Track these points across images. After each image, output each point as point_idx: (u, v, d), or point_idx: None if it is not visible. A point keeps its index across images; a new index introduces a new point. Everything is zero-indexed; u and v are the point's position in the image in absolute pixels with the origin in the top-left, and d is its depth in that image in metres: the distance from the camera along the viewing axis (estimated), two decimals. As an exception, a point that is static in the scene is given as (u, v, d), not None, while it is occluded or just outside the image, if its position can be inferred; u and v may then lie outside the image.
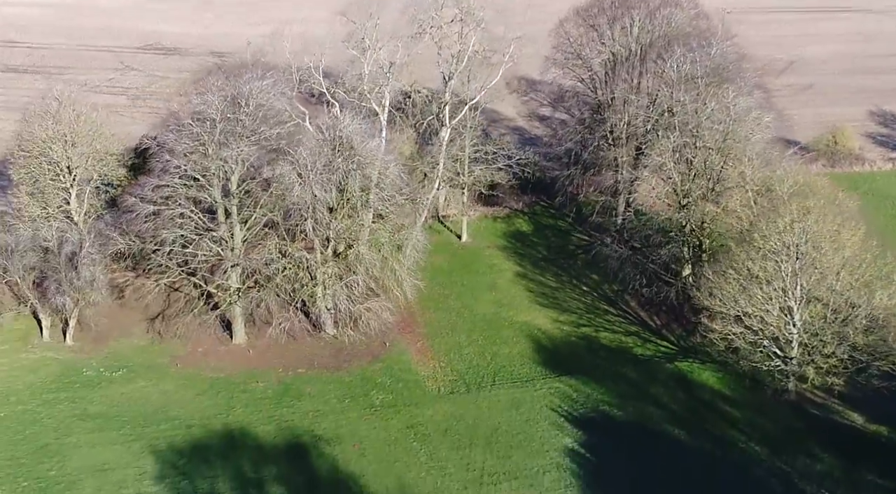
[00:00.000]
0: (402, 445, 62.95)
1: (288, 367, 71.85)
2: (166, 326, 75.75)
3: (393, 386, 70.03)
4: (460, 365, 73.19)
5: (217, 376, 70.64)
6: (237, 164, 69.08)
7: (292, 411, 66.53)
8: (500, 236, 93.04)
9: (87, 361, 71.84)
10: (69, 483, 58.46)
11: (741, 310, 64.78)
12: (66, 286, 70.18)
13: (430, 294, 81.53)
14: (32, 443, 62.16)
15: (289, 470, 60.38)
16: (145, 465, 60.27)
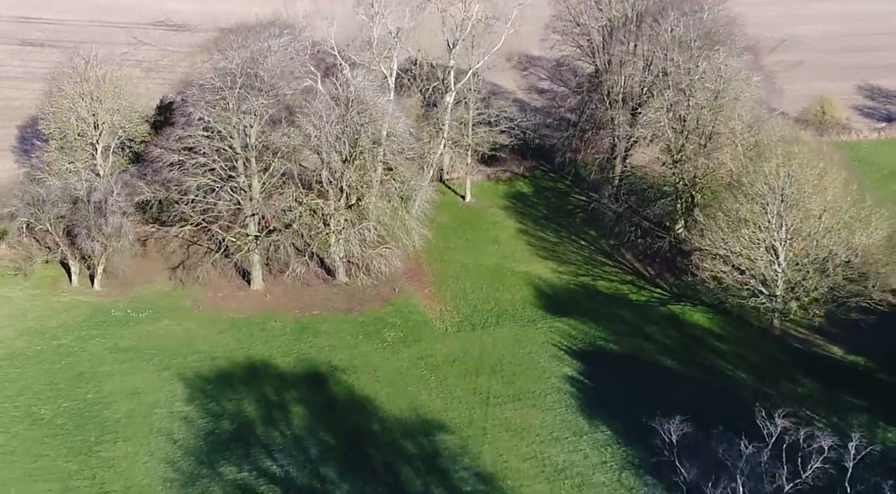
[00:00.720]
0: (413, 373, 68.38)
1: (304, 310, 77.17)
2: (187, 274, 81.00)
3: (403, 325, 75.41)
4: (466, 308, 78.53)
5: (237, 317, 75.95)
6: (256, 117, 74.34)
7: (309, 346, 71.88)
8: (502, 197, 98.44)
9: (115, 304, 77.08)
10: (105, 405, 63.73)
11: (730, 250, 70.27)
12: (94, 232, 75.42)
13: (436, 247, 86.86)
14: (69, 372, 67.45)
15: (308, 394, 65.78)
16: (175, 390, 65.56)
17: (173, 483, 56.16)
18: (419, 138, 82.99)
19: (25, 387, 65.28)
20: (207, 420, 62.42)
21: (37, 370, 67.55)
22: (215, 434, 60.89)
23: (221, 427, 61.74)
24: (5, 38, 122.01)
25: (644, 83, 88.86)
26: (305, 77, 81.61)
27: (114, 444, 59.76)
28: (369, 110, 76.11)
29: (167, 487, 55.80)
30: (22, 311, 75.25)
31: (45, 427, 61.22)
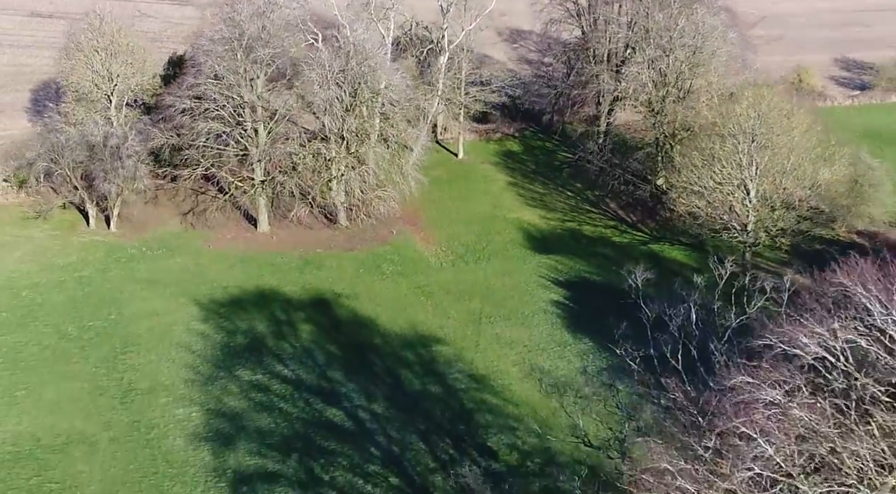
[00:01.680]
0: (411, 299, 74.78)
1: (307, 249, 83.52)
2: (197, 219, 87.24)
3: (400, 261, 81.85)
4: (459, 248, 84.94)
5: (246, 254, 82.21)
6: (262, 67, 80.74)
7: (314, 277, 78.22)
8: (493, 154, 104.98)
9: (130, 243, 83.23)
10: (127, 323, 69.92)
11: (704, 186, 76.88)
12: (111, 175, 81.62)
13: (431, 198, 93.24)
14: (91, 298, 73.58)
15: (314, 315, 72.12)
16: (191, 312, 71.77)
17: (194, 382, 62.33)
18: (414, 94, 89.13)
19: (52, 310, 71.31)
20: (222, 335, 68.58)
21: (61, 296, 73.60)
22: (230, 346, 67.10)
23: (235, 340, 67.95)
24: (17, 9, 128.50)
25: (628, 42, 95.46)
26: (307, 35, 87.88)
27: (137, 353, 65.90)
28: (368, 61, 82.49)
29: (189, 385, 61.99)
30: (43, 249, 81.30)
31: (73, 342, 67.28)
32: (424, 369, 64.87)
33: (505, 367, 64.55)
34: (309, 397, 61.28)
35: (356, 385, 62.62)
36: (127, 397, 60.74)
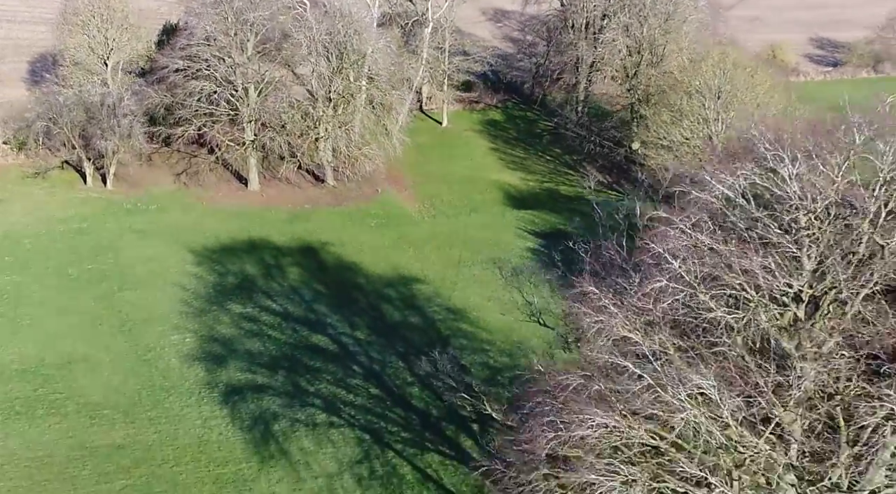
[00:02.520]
0: (394, 247, 79.61)
1: (296, 204, 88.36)
2: (190, 179, 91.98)
3: (385, 215, 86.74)
4: (441, 205, 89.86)
5: (237, 209, 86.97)
6: (252, 28, 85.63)
7: (302, 229, 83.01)
8: (476, 123, 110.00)
9: (126, 199, 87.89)
10: (124, 267, 74.57)
11: (672, 141, 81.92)
12: (107, 133, 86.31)
13: (415, 161, 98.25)
14: (90, 245, 78.21)
15: (302, 260, 76.95)
16: (185, 257, 76.46)
17: (188, 314, 67.05)
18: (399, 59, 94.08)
19: (52, 256, 75.90)
20: (214, 276, 73.30)
21: (61, 244, 78.23)
22: (222, 285, 71.84)
23: (227, 280, 72.70)
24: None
25: (605, 11, 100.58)
26: (296, 4, 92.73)
27: (134, 291, 70.59)
28: (354, 25, 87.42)
29: (183, 316, 66.71)
30: (43, 204, 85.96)
31: (74, 282, 71.92)
32: (405, 303, 69.66)
33: (480, 302, 69.26)
34: (296, 326, 66.03)
35: (340, 316, 67.39)
36: (125, 326, 65.39)
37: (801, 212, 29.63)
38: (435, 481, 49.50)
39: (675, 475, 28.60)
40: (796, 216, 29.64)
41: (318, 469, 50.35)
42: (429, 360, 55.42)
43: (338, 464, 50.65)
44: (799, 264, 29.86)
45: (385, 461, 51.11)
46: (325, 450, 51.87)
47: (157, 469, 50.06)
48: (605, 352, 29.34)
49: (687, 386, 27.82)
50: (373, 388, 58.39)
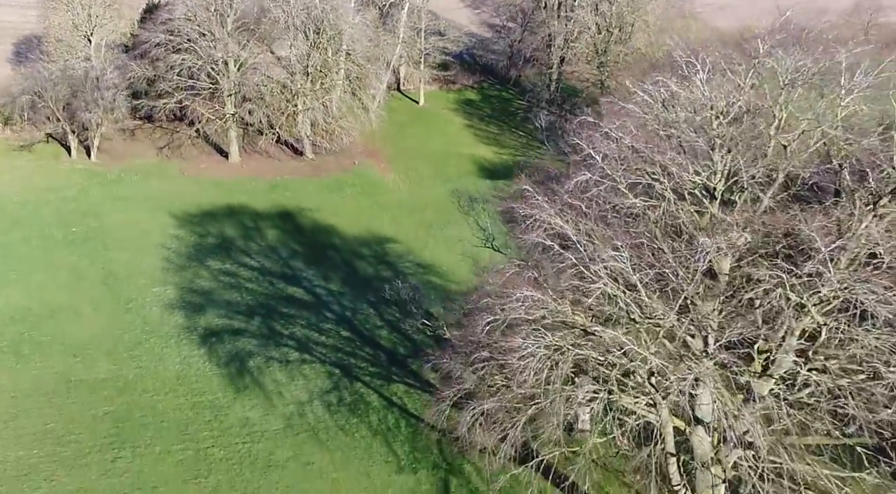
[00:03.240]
0: (369, 212, 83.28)
1: (275, 175, 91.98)
2: (172, 152, 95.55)
3: (361, 184, 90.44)
4: (416, 177, 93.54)
5: (218, 179, 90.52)
6: (232, 4, 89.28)
7: (281, 196, 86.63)
8: (452, 102, 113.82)
9: (110, 170, 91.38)
10: (108, 230, 77.96)
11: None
12: (91, 106, 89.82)
13: (392, 136, 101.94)
14: (75, 211, 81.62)
15: (280, 223, 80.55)
16: (167, 221, 79.93)
17: (169, 269, 70.55)
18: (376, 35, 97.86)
19: (38, 219, 79.27)
20: (195, 237, 76.83)
21: (46, 210, 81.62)
22: (202, 245, 75.39)
23: (207, 241, 76.24)
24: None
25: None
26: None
27: (117, 251, 74.02)
28: (331, 1, 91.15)
29: (164, 272, 70.20)
30: (28, 174, 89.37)
31: (59, 242, 75.34)
32: (377, 260, 73.32)
33: (450, 258, 72.81)
34: (272, 279, 69.61)
35: (315, 271, 71.03)
36: (108, 280, 68.85)
37: (713, 115, 33.41)
38: (399, 407, 53.07)
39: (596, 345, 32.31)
40: (709, 119, 33.41)
41: (290, 397, 53.86)
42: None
43: (308, 394, 54.17)
44: (711, 162, 33.64)
45: (353, 391, 54.65)
46: (297, 382, 55.39)
47: (138, 398, 53.49)
48: (536, 237, 33.01)
49: (602, 261, 31.53)
50: (344, 331, 61.98)
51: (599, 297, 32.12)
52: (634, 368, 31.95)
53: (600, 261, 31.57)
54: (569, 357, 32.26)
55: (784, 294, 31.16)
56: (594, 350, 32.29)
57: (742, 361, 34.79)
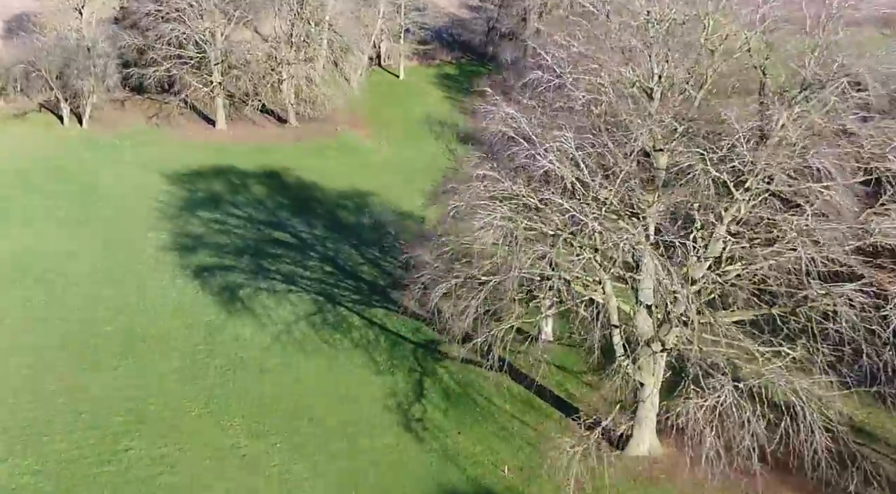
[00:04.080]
0: (350, 171, 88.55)
1: (261, 141, 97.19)
2: (161, 121, 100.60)
3: (343, 148, 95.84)
4: (396, 142, 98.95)
5: (206, 144, 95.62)
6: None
7: (266, 158, 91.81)
8: (432, 77, 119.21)
9: (102, 137, 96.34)
10: (101, 188, 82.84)
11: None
12: (83, 73, 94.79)
13: (373, 107, 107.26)
14: (69, 172, 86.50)
15: (265, 180, 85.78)
16: (158, 180, 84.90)
17: (162, 218, 75.64)
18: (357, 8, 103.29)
19: (34, 179, 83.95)
20: (185, 192, 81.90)
21: (42, 170, 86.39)
22: (192, 199, 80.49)
23: (197, 195, 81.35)
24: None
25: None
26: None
27: (111, 204, 79.02)
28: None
29: (157, 220, 75.28)
30: (22, 140, 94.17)
31: (55, 198, 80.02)
32: (358, 210, 78.63)
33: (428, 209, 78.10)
34: (259, 226, 74.84)
35: (300, 219, 76.33)
36: (106, 227, 73.83)
37: (649, 20, 38.93)
38: (379, 326, 58.31)
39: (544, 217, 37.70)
40: (645, 25, 38.87)
41: (278, 318, 59.04)
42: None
43: (295, 316, 59.34)
44: (647, 62, 39.11)
45: (336, 313, 59.88)
46: (284, 307, 60.57)
47: (137, 318, 58.55)
48: (495, 127, 38.39)
49: (548, 141, 36.96)
50: (327, 267, 67.24)
51: (547, 175, 37.54)
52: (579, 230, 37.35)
53: (547, 142, 36.91)
54: (520, 225, 37.58)
55: (704, 168, 36.54)
56: (543, 221, 37.67)
57: (679, 244, 40.09)
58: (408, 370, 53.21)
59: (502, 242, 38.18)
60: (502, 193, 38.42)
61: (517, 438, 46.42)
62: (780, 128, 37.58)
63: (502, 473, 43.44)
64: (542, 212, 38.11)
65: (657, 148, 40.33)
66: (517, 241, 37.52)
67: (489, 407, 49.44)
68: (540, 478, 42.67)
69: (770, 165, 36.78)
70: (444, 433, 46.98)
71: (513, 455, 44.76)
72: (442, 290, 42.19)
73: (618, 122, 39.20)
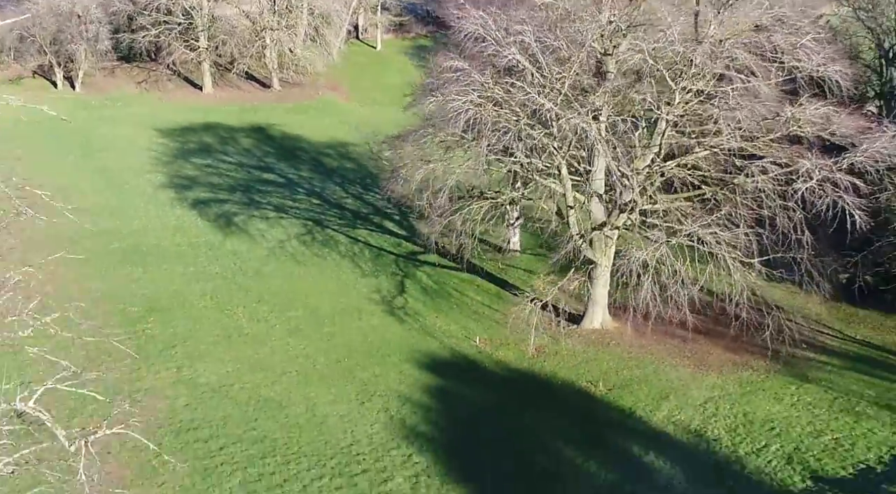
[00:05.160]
0: (332, 126, 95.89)
1: (246, 103, 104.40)
2: (150, 86, 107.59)
3: (324, 109, 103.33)
4: (375, 104, 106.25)
5: (194, 105, 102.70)
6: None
7: (252, 116, 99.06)
8: (408, 48, 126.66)
9: (94, 99, 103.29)
10: (98, 140, 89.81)
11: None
12: (76, 38, 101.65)
13: (352, 74, 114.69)
14: (65, 127, 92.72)
15: (252, 135, 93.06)
16: (151, 134, 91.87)
17: (157, 164, 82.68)
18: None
19: (32, 135, 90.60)
20: (177, 144, 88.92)
21: (38, 127, 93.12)
22: (184, 149, 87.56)
23: (188, 146, 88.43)
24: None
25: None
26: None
27: (108, 153, 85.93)
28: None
29: (152, 165, 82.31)
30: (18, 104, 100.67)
31: (53, 148, 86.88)
32: (340, 156, 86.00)
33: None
34: (249, 169, 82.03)
35: (286, 164, 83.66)
36: (104, 171, 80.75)
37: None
38: (363, 242, 65.65)
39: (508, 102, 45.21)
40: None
41: (271, 237, 66.25)
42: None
43: (287, 235, 66.58)
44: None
45: (324, 234, 67.17)
46: (276, 230, 67.79)
47: (143, 239, 65.53)
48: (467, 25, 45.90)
49: (511, 35, 44.53)
50: (314, 200, 74.56)
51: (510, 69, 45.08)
52: (537, 118, 44.83)
53: (510, 36, 44.42)
54: (489, 106, 45.03)
55: (643, 58, 44.12)
56: (507, 106, 45.21)
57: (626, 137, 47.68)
58: (390, 273, 60.55)
59: (471, 127, 45.59)
60: (472, 86, 45.74)
61: (487, 319, 53.83)
62: (710, 28, 45.21)
63: (474, 343, 50.75)
64: (507, 102, 45.55)
65: (606, 52, 47.84)
66: (485, 125, 44.94)
67: (463, 298, 56.83)
68: (505, 346, 50.06)
69: (705, 64, 44.41)
70: (423, 316, 54.32)
71: (483, 331, 52.14)
72: (420, 176, 49.52)
73: (572, 24, 46.68)
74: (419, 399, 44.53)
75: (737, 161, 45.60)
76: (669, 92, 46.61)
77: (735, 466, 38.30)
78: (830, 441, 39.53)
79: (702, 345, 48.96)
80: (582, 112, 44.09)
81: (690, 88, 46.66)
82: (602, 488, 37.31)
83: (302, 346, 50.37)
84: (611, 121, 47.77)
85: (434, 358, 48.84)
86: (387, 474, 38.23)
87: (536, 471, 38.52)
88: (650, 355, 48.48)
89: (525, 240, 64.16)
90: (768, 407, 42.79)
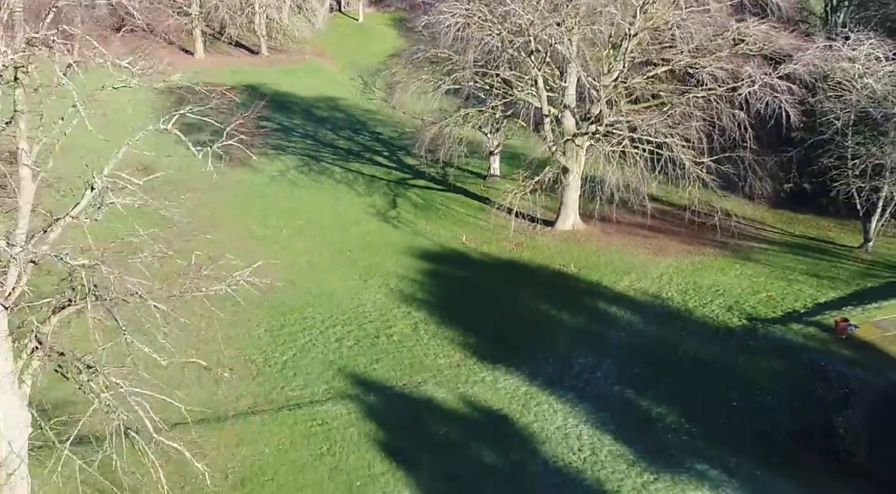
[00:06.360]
0: (319, 85, 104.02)
1: (236, 67, 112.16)
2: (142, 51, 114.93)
3: (311, 72, 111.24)
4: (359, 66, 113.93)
5: (186, 68, 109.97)
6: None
7: (241, 77, 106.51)
8: (388, 20, 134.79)
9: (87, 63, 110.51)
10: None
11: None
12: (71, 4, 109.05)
13: (336, 42, 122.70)
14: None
15: (243, 91, 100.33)
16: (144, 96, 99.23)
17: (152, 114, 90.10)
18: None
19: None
20: (175, 98, 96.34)
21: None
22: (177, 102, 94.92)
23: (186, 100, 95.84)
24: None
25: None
26: None
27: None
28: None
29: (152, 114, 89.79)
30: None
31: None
32: (330, 108, 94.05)
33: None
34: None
35: (279, 115, 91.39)
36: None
37: None
38: (357, 172, 73.60)
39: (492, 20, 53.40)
40: None
41: (272, 169, 74.18)
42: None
43: (285, 167, 74.56)
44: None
45: (320, 166, 75.16)
46: (275, 163, 75.73)
47: (153, 169, 73.09)
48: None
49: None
50: (309, 141, 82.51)
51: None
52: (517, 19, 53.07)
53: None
54: (475, 21, 53.21)
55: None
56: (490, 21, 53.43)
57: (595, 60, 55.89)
58: (383, 193, 68.67)
59: (459, 37, 53.70)
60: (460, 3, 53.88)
61: (472, 225, 62.05)
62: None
63: (461, 241, 58.91)
64: (489, 19, 53.77)
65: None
66: (471, 40, 53.12)
67: (449, 211, 65.01)
68: (488, 243, 58.23)
69: None
70: (415, 223, 62.47)
71: (469, 233, 60.26)
72: (412, 87, 57.58)
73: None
74: (415, 277, 52.60)
75: (690, 71, 53.91)
76: (632, 18, 54.81)
77: (684, 314, 46.62)
78: (765, 297, 47.90)
79: (660, 240, 57.31)
80: (554, 24, 52.33)
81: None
82: (573, 330, 45.45)
83: (307, 245, 58.26)
84: (583, 34, 55.89)
85: (426, 251, 56.90)
86: (390, 323, 46.29)
87: (518, 321, 46.64)
88: (615, 246, 56.82)
89: (504, 169, 72.29)
90: (715, 277, 51.16)
